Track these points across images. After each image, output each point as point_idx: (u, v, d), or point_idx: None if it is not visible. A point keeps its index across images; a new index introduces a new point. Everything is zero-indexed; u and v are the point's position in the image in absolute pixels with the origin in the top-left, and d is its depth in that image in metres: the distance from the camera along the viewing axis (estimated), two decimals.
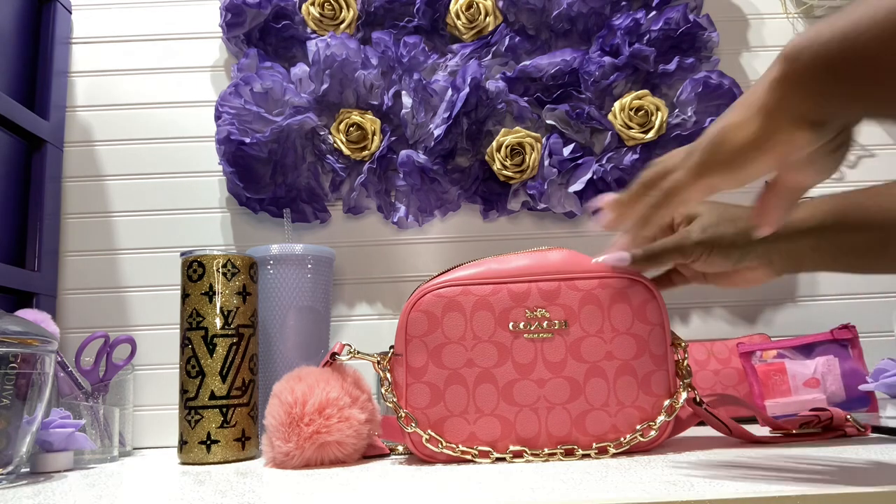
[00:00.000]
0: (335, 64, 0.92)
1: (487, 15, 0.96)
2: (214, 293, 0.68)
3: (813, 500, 0.35)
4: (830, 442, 0.58)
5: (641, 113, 0.94)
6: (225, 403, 0.67)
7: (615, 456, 0.55)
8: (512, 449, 0.54)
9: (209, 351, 0.67)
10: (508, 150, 0.94)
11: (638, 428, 0.55)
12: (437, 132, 0.93)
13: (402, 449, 0.64)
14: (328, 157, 0.95)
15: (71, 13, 1.00)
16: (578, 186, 0.94)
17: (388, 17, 0.98)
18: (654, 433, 0.55)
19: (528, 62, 0.95)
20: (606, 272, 0.58)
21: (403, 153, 0.93)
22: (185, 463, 0.67)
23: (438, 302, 0.57)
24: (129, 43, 1.00)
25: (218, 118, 0.92)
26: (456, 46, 0.97)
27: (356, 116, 0.93)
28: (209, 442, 0.66)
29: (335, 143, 0.94)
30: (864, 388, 0.73)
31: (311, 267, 0.81)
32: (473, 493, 0.41)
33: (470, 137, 0.96)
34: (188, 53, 1.00)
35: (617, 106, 0.95)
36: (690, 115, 0.95)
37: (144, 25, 1.01)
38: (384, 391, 0.57)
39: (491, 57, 0.97)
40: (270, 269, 0.80)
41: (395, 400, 0.56)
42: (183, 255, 0.71)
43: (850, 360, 0.77)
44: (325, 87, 0.93)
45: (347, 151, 0.94)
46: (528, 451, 0.54)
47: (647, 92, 0.95)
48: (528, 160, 0.94)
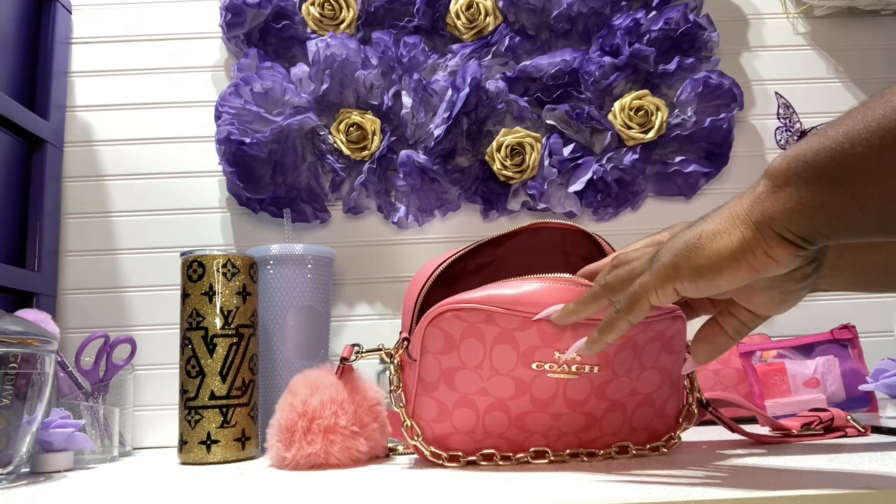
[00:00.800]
0: (335, 64, 0.92)
1: (487, 15, 0.96)
2: (214, 293, 0.68)
3: (813, 500, 0.35)
4: (830, 442, 0.58)
5: (641, 113, 0.94)
6: (225, 403, 0.67)
7: (615, 458, 0.55)
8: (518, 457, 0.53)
9: (209, 351, 0.67)
10: (508, 150, 0.94)
11: (648, 447, 0.55)
12: (437, 132, 0.93)
13: (401, 449, 0.64)
14: (328, 157, 0.95)
15: (71, 13, 1.00)
16: (578, 186, 0.94)
17: (388, 17, 0.98)
18: (660, 453, 0.55)
19: (528, 62, 0.95)
20: (652, 314, 0.50)
21: (403, 153, 0.93)
22: (185, 463, 0.67)
23: (458, 324, 0.50)
24: (128, 43, 1.00)
25: (218, 118, 0.92)
26: (456, 46, 0.97)
27: (356, 116, 0.93)
28: (209, 442, 0.66)
29: (335, 143, 0.94)
30: (864, 388, 0.73)
31: (311, 267, 0.81)
32: (475, 493, 0.41)
33: (470, 137, 0.96)
34: (188, 53, 1.00)
35: (617, 106, 0.95)
36: (690, 115, 0.95)
37: (144, 25, 1.01)
38: (393, 394, 0.54)
39: (491, 57, 0.97)
40: (270, 269, 0.80)
41: (403, 409, 0.53)
42: (183, 255, 0.71)
43: (850, 360, 0.77)
44: (325, 87, 0.93)
45: (347, 151, 0.94)
46: (530, 456, 0.53)
47: (647, 92, 0.95)
48: (528, 160, 0.94)
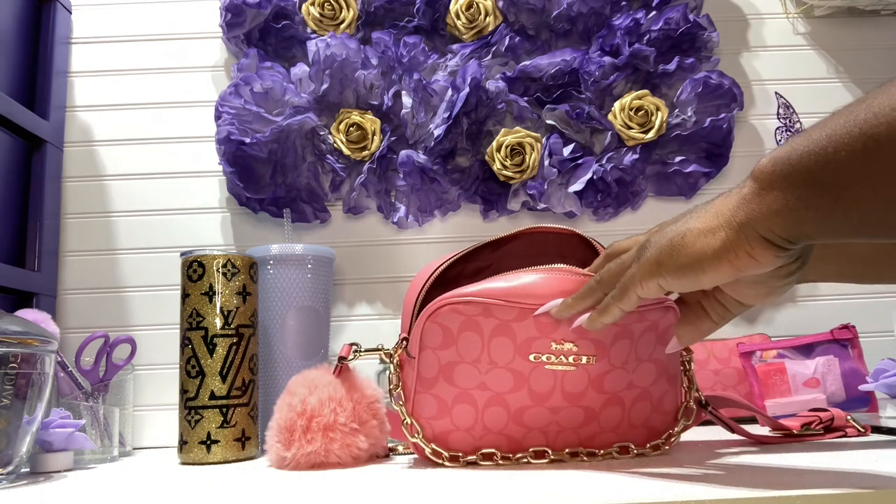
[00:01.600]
0: (335, 64, 0.92)
1: (487, 15, 0.96)
2: (214, 293, 0.68)
3: (813, 500, 0.35)
4: (830, 442, 0.58)
5: (641, 113, 0.94)
6: (225, 403, 0.67)
7: (617, 458, 0.55)
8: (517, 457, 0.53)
9: (209, 351, 0.67)
10: (508, 150, 0.93)
11: (648, 446, 0.55)
12: (437, 132, 0.93)
13: (401, 448, 0.64)
14: (328, 157, 0.95)
15: (71, 13, 1.00)
16: (578, 186, 0.94)
17: (388, 17, 0.98)
18: (661, 451, 0.55)
19: (528, 62, 0.95)
20: (645, 304, 0.50)
21: (403, 153, 0.93)
22: (185, 463, 0.67)
23: (455, 318, 0.51)
24: (128, 43, 1.00)
25: (218, 118, 0.92)
26: (456, 46, 0.97)
27: (356, 116, 0.93)
28: (209, 442, 0.66)
29: (335, 143, 0.94)
30: (864, 388, 0.73)
31: (311, 267, 0.81)
32: (475, 494, 0.41)
33: (470, 137, 0.96)
34: (188, 53, 1.00)
35: (617, 106, 0.95)
36: (690, 115, 0.95)
37: (144, 25, 1.00)
38: (392, 393, 0.54)
39: (491, 57, 0.97)
40: (270, 269, 0.80)
41: (403, 407, 0.54)
42: (183, 255, 0.71)
43: (850, 360, 0.77)
44: (325, 87, 0.93)
45: (347, 151, 0.93)
46: (531, 454, 0.53)
47: (647, 92, 0.95)
48: (528, 160, 0.94)
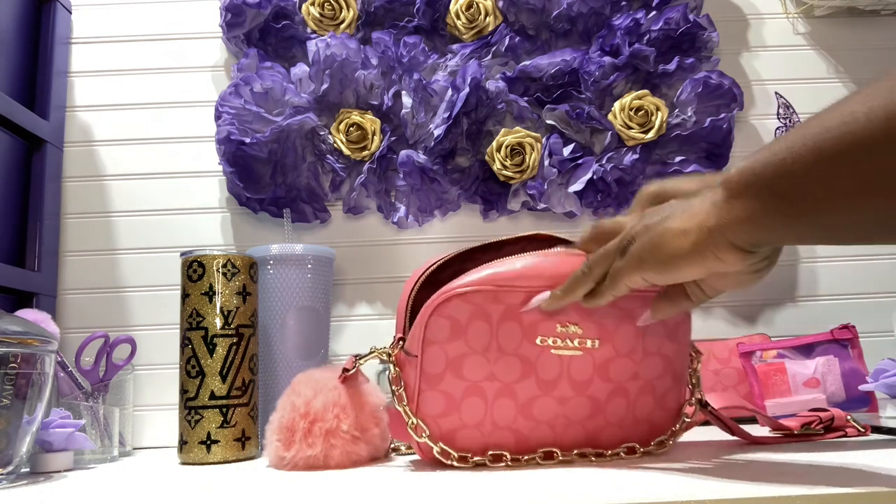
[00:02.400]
0: (335, 64, 0.92)
1: (487, 15, 0.96)
2: (214, 293, 0.68)
3: (813, 500, 0.35)
4: (830, 442, 0.58)
5: (641, 113, 0.94)
6: (225, 403, 0.67)
7: (622, 458, 0.55)
8: (526, 458, 0.52)
9: (209, 351, 0.67)
10: (508, 150, 0.93)
11: (652, 444, 0.55)
12: (437, 132, 0.93)
13: (403, 448, 0.64)
14: (328, 157, 0.95)
15: (71, 13, 1.00)
16: (578, 186, 0.94)
17: (388, 17, 0.98)
18: (668, 447, 0.55)
19: (528, 62, 0.95)
20: (651, 288, 0.50)
21: (403, 153, 0.93)
22: (185, 463, 0.67)
23: (465, 308, 0.50)
24: (128, 43, 1.00)
25: (218, 118, 0.92)
26: (456, 46, 0.97)
27: (356, 116, 0.93)
28: (209, 442, 0.66)
29: (335, 143, 0.94)
30: (864, 388, 0.73)
31: (311, 267, 0.81)
32: (476, 494, 0.41)
33: (470, 137, 0.96)
34: (188, 53, 1.00)
35: (617, 106, 0.95)
36: (690, 115, 0.95)
37: (144, 25, 1.01)
38: (395, 394, 0.53)
39: (491, 57, 0.97)
40: (270, 269, 0.80)
41: (406, 407, 0.53)
42: (183, 255, 0.71)
43: (850, 360, 0.77)
44: (325, 87, 0.93)
45: (347, 151, 0.94)
46: (539, 455, 0.53)
47: (647, 92, 0.95)
48: (528, 160, 0.94)
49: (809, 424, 0.60)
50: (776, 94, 1.01)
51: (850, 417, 0.60)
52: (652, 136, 0.94)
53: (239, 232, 0.96)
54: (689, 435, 0.67)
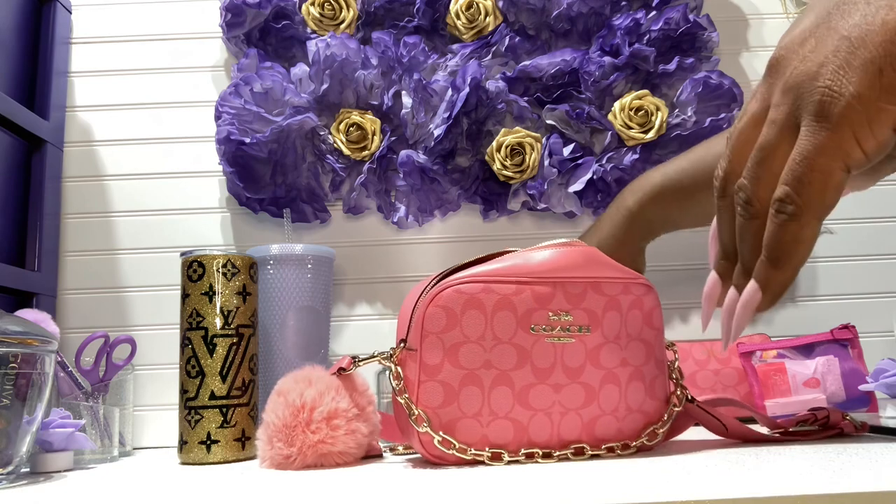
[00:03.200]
0: (335, 64, 0.92)
1: (487, 15, 0.96)
2: (214, 293, 0.68)
3: (813, 500, 0.35)
4: (830, 442, 0.58)
5: (641, 113, 0.94)
6: (225, 403, 0.67)
7: (620, 456, 0.55)
8: (523, 451, 0.53)
9: (209, 351, 0.67)
10: (508, 150, 0.94)
11: (644, 434, 0.56)
12: (437, 132, 0.93)
13: (401, 449, 0.64)
14: (328, 157, 0.95)
15: (71, 13, 1.00)
16: (578, 186, 0.94)
17: (388, 17, 0.98)
18: (659, 437, 0.56)
19: (528, 62, 0.95)
20: (629, 277, 0.56)
21: (403, 153, 0.93)
22: (185, 463, 0.67)
23: (458, 298, 0.53)
24: (128, 43, 1.00)
25: (218, 118, 0.92)
26: (456, 46, 0.97)
27: (356, 116, 0.93)
28: (209, 442, 0.66)
29: (335, 143, 0.94)
30: (864, 388, 0.73)
31: (311, 267, 0.81)
32: (477, 493, 0.41)
33: (470, 137, 0.96)
34: (188, 53, 1.00)
35: (617, 106, 0.95)
36: (690, 115, 0.95)
37: (144, 25, 1.01)
38: (396, 387, 0.54)
39: (491, 57, 0.97)
40: (270, 269, 0.80)
41: (408, 398, 0.53)
42: (183, 255, 0.71)
43: (850, 360, 0.77)
44: (325, 87, 0.93)
45: (347, 151, 0.94)
46: (539, 452, 0.53)
47: (647, 92, 0.95)
48: (528, 160, 0.94)
49: (805, 422, 0.60)
50: None
51: (846, 415, 0.61)
52: (652, 136, 0.94)
53: (239, 232, 0.97)
54: (687, 435, 0.67)
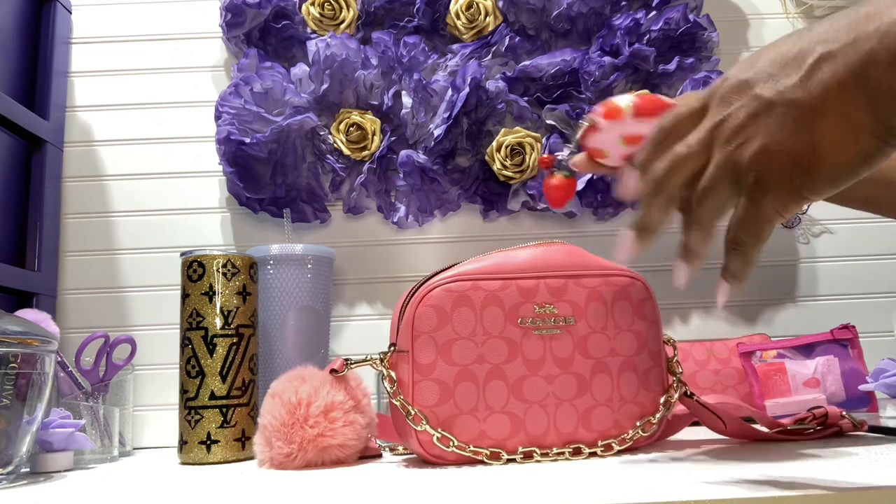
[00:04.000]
0: (335, 64, 0.92)
1: (487, 15, 0.96)
2: (214, 293, 0.68)
3: (813, 500, 0.35)
4: (830, 442, 0.58)
5: None
6: (225, 403, 0.67)
7: (620, 453, 0.56)
8: (522, 450, 0.54)
9: (209, 351, 0.67)
10: (508, 150, 0.93)
11: (638, 424, 0.57)
12: (437, 132, 0.93)
13: (401, 449, 0.64)
14: (328, 157, 0.95)
15: (71, 13, 1.00)
16: (578, 186, 0.94)
17: (388, 17, 0.98)
18: (654, 428, 0.57)
19: (528, 62, 0.95)
20: (610, 270, 0.59)
21: (403, 153, 0.93)
22: (185, 463, 0.67)
23: (448, 296, 0.55)
24: (128, 43, 1.00)
25: (218, 118, 0.92)
26: (456, 46, 0.97)
27: (356, 116, 0.93)
28: (209, 442, 0.66)
29: (335, 143, 0.94)
30: (864, 388, 0.73)
31: (311, 267, 0.81)
32: (479, 493, 0.41)
33: (470, 137, 0.96)
34: (188, 53, 1.00)
35: None
36: None
37: (144, 25, 1.01)
38: (390, 390, 0.54)
39: (491, 57, 0.97)
40: (270, 269, 0.80)
41: (403, 398, 0.54)
42: (183, 255, 0.71)
43: (850, 360, 0.77)
44: (325, 87, 0.93)
45: (347, 151, 0.94)
46: (537, 451, 0.54)
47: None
48: (528, 160, 0.94)
49: (803, 421, 0.60)
50: None
51: (845, 414, 0.61)
52: None
53: (239, 232, 0.96)
54: (686, 435, 0.67)
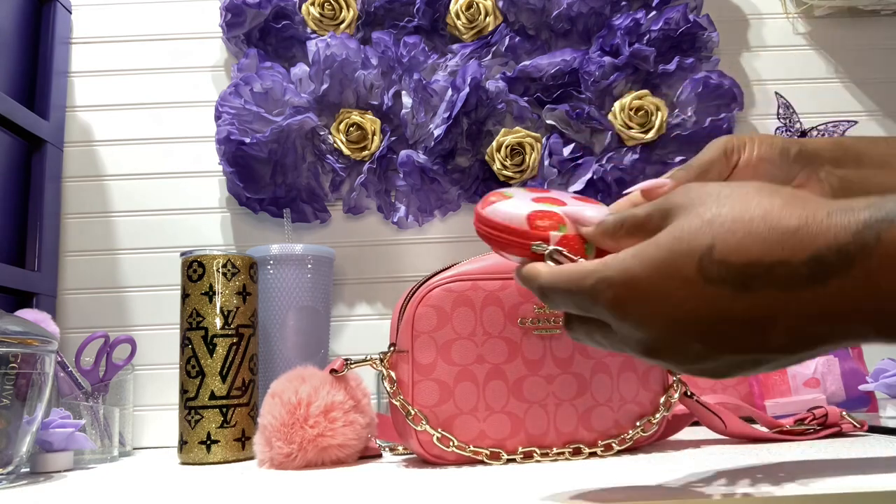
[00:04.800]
0: (335, 64, 0.92)
1: (487, 15, 0.96)
2: (214, 293, 0.68)
3: (813, 500, 0.35)
4: (829, 442, 0.58)
5: (641, 113, 0.94)
6: (225, 403, 0.67)
7: (620, 453, 0.56)
8: (522, 450, 0.54)
9: (209, 351, 0.67)
10: (508, 150, 0.94)
11: (638, 424, 0.57)
12: (437, 132, 0.93)
13: (401, 449, 0.64)
14: (328, 157, 0.95)
15: (71, 13, 1.00)
16: (578, 186, 0.94)
17: (388, 17, 0.98)
18: (654, 428, 0.57)
19: (528, 62, 0.95)
20: None
21: (403, 153, 0.93)
22: (185, 463, 0.67)
23: (448, 297, 0.55)
24: (128, 43, 1.00)
25: (218, 118, 0.92)
26: (456, 46, 0.97)
27: (356, 116, 0.93)
28: (209, 442, 0.66)
29: (335, 143, 0.94)
30: (864, 388, 0.73)
31: (311, 267, 0.81)
32: (479, 493, 0.41)
33: (470, 137, 0.96)
34: (188, 53, 1.00)
35: (617, 106, 0.95)
36: (690, 115, 0.95)
37: (144, 25, 1.00)
38: (390, 390, 0.54)
39: (491, 57, 0.97)
40: (270, 269, 0.80)
41: (403, 398, 0.54)
42: (183, 255, 0.71)
43: (850, 360, 0.77)
44: (325, 87, 0.93)
45: (347, 151, 0.94)
46: (537, 451, 0.54)
47: (647, 92, 0.95)
48: (528, 160, 0.94)
49: (803, 421, 0.60)
50: (776, 94, 1.01)
51: (844, 414, 0.61)
52: (652, 136, 0.94)
53: (239, 232, 0.96)
54: (686, 434, 0.67)
